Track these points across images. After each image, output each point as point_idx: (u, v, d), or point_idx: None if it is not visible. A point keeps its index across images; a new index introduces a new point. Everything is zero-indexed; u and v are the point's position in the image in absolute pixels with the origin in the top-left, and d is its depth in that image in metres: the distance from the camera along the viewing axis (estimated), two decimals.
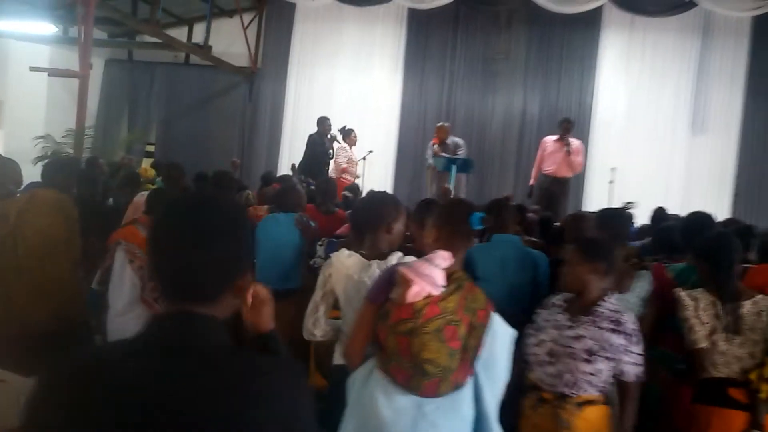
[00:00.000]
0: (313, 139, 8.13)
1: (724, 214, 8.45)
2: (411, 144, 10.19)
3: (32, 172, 4.86)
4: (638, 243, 4.18)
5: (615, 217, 2.72)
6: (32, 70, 7.83)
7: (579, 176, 9.57)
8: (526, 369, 2.38)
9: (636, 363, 2.25)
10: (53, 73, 7.88)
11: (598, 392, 2.27)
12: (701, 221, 3.30)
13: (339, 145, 8.38)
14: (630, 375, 2.26)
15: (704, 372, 2.47)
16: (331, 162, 8.31)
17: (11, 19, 9.16)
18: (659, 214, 5.06)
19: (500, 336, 1.84)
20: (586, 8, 9.40)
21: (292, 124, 10.80)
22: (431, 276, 1.72)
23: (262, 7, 10.85)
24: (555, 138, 7.69)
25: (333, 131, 8.33)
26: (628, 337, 2.25)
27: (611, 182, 8.00)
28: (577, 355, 2.23)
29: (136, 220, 3.12)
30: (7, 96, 9.64)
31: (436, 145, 7.81)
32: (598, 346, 2.23)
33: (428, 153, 7.89)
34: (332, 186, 4.93)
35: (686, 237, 3.17)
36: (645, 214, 5.51)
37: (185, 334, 0.98)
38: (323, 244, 3.54)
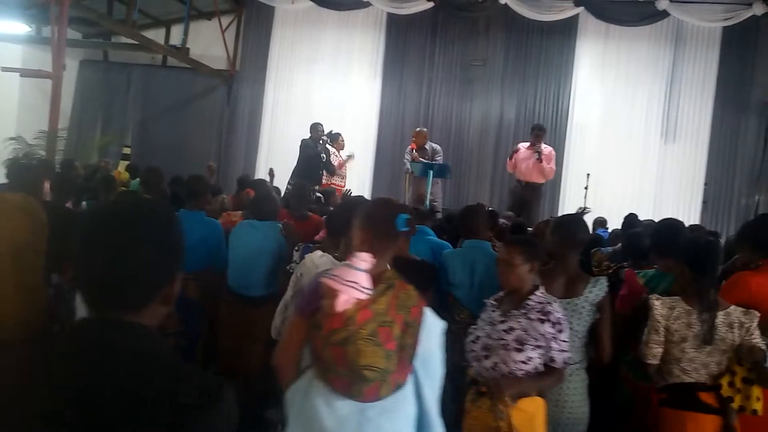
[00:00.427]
0: (306, 143, 8.10)
1: (694, 220, 8.62)
2: (389, 149, 10.22)
3: (2, 174, 4.77)
4: (609, 249, 4.25)
5: (568, 223, 2.78)
6: (4, 71, 7.68)
7: (555, 182, 9.71)
8: (467, 366, 2.50)
9: (563, 350, 2.36)
10: (25, 73, 7.74)
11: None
12: (671, 228, 3.35)
13: (331, 151, 8.39)
14: (559, 361, 2.37)
15: (673, 377, 2.52)
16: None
17: None
18: (630, 221, 5.14)
19: (434, 330, 1.83)
20: (563, 16, 9.56)
21: (270, 128, 10.76)
22: (355, 281, 1.70)
23: (240, 10, 10.80)
24: (527, 145, 7.82)
25: (324, 136, 8.32)
26: (554, 325, 2.36)
27: (586, 188, 8.12)
28: (509, 346, 2.35)
29: None
30: None
31: (414, 150, 7.85)
32: (527, 335, 2.35)
33: (407, 158, 7.92)
34: (306, 191, 4.92)
35: (658, 243, 3.23)
36: (619, 221, 5.60)
37: (107, 341, 0.98)
38: (299, 249, 3.53)
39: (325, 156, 8.18)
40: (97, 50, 11.18)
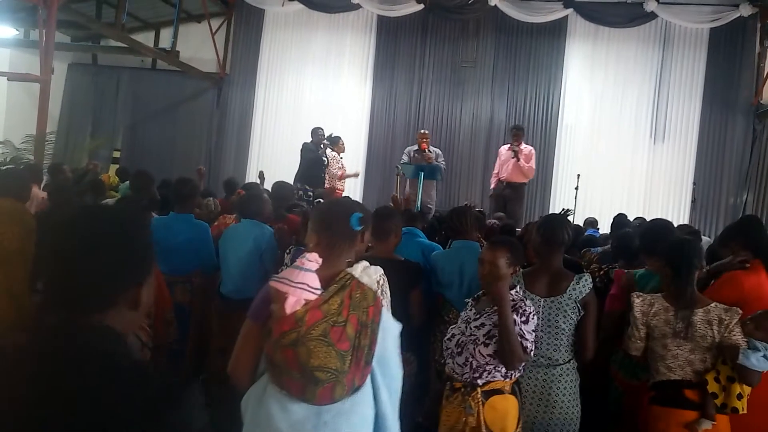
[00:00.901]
0: (307, 147, 8.07)
1: (683, 219, 8.69)
2: (380, 151, 10.24)
3: None
4: (599, 249, 4.28)
5: (551, 223, 2.79)
6: None
7: (546, 183, 9.77)
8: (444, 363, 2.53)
9: (524, 338, 2.36)
10: (13, 77, 7.68)
11: (503, 377, 2.38)
12: (659, 228, 3.37)
13: (332, 155, 8.38)
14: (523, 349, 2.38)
15: (660, 375, 2.54)
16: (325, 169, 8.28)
17: None
18: (620, 221, 5.17)
19: (390, 332, 1.80)
20: (552, 18, 9.63)
21: (260, 130, 10.74)
22: (304, 282, 1.66)
23: (230, 13, 10.78)
24: (507, 146, 7.88)
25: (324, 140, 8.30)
26: (519, 316, 2.37)
27: (576, 188, 8.16)
28: (479, 340, 2.39)
29: None
30: None
31: (425, 150, 7.78)
32: (496, 329, 2.37)
33: (404, 159, 7.83)
34: (286, 191, 4.92)
35: (646, 243, 3.25)
36: (609, 220, 5.62)
37: (68, 343, 0.97)
38: (290, 252, 3.52)
39: (326, 160, 8.18)
40: (86, 53, 11.12)
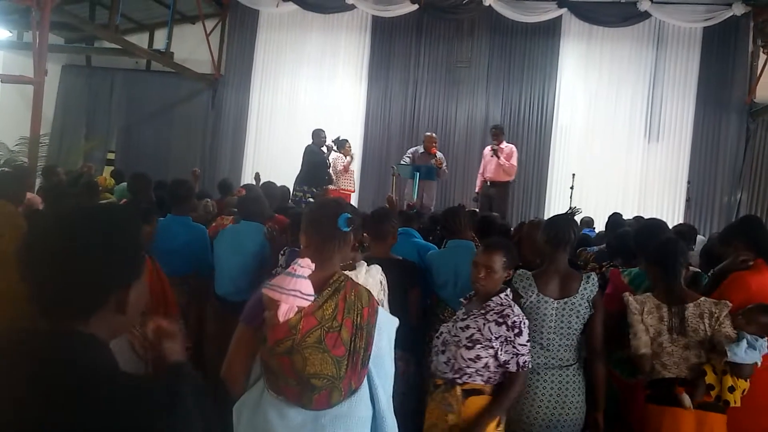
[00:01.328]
0: (310, 148, 8.05)
1: (678, 218, 8.72)
2: (376, 151, 10.23)
3: None
4: (595, 248, 4.29)
5: (557, 222, 2.80)
6: None
7: (541, 183, 9.79)
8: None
9: (519, 353, 2.37)
10: (6, 79, 7.66)
11: (484, 382, 2.39)
12: (653, 228, 3.39)
13: (335, 156, 8.36)
14: (513, 365, 2.38)
15: (655, 373, 2.55)
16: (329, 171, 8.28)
17: None
18: (615, 220, 5.18)
19: (386, 329, 1.79)
20: (546, 18, 9.65)
21: (255, 132, 10.72)
22: (296, 289, 1.63)
23: (225, 14, 10.75)
24: (490, 146, 7.98)
25: (328, 142, 8.27)
26: (510, 329, 2.38)
27: (572, 188, 8.17)
28: (461, 343, 2.41)
29: None
30: None
31: (435, 154, 7.72)
32: (480, 334, 2.39)
33: (406, 159, 7.81)
34: (272, 190, 4.93)
35: (639, 243, 3.26)
36: (604, 220, 5.64)
37: (51, 351, 0.96)
38: (284, 254, 3.51)
39: (329, 163, 8.17)
40: (79, 55, 11.08)
